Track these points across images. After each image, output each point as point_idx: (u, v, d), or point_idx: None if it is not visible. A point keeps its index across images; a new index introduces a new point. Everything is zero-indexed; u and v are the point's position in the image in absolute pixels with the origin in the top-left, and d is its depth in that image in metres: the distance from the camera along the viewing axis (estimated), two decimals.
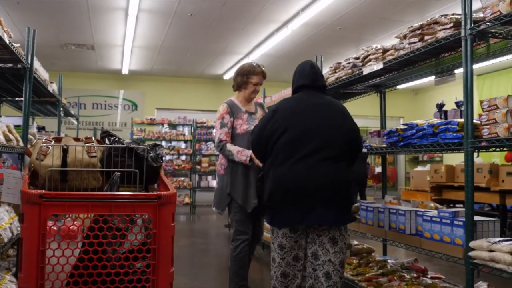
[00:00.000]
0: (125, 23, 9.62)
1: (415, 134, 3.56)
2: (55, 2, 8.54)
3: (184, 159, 12.88)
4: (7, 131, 3.47)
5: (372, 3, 8.45)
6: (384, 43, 4.37)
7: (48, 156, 2.46)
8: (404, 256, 5.86)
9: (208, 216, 11.42)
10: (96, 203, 1.97)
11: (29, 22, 8.85)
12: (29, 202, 1.92)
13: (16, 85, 4.82)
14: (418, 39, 3.63)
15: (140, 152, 2.53)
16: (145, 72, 14.45)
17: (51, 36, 10.52)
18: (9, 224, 3.31)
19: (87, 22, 9.70)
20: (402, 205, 4.14)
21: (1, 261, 4.01)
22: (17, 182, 2.70)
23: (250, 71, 4.09)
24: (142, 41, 11.00)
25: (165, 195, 2.02)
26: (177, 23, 9.66)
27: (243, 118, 4.02)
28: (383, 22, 9.52)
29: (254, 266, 6.14)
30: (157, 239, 1.98)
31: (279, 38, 10.30)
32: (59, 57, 12.44)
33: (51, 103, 6.45)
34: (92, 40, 11.07)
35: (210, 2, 8.46)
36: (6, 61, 3.95)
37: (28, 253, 1.90)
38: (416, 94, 16.57)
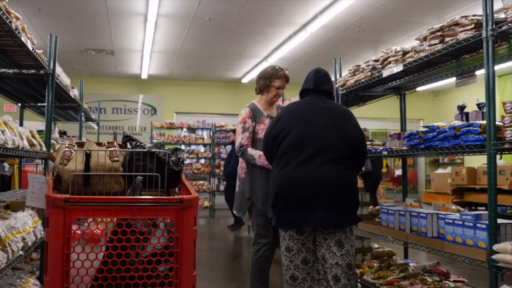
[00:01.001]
0: (144, 28, 9.71)
1: (437, 137, 3.53)
2: (75, 8, 8.67)
3: (204, 162, 12.94)
4: (30, 136, 3.53)
5: (390, 5, 8.41)
6: (402, 45, 4.35)
7: (71, 161, 2.49)
8: (426, 259, 5.80)
9: (228, 219, 11.44)
10: (119, 207, 1.99)
11: (50, 28, 9.01)
12: (54, 206, 1.95)
13: (39, 91, 4.90)
14: (439, 40, 3.60)
15: (162, 156, 2.55)
16: (164, 77, 14.56)
17: (72, 42, 10.67)
18: (33, 228, 3.36)
19: (106, 28, 9.82)
20: (423, 208, 4.11)
21: (25, 264, 4.06)
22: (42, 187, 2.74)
23: (272, 74, 4.05)
24: (161, 46, 11.09)
25: (187, 199, 2.03)
26: (195, 27, 9.72)
27: (265, 123, 3.97)
28: (401, 24, 9.46)
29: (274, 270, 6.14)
30: (180, 243, 1.99)
31: (298, 41, 10.30)
32: (79, 63, 12.60)
33: (73, 108, 6.54)
34: (111, 45, 11.19)
35: (228, 6, 8.51)
36: (29, 67, 4.02)
37: (53, 256, 1.93)
38: (436, 96, 16.42)
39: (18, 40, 3.22)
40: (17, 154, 3.09)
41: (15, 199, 4.07)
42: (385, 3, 8.29)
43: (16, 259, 2.88)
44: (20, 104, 5.75)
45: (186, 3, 8.35)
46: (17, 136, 3.03)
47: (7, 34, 3.11)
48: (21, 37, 3.15)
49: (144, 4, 8.38)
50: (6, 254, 2.66)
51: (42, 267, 3.96)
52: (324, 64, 3.28)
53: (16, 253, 2.86)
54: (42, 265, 3.96)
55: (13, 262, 2.80)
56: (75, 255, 1.94)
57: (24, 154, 3.22)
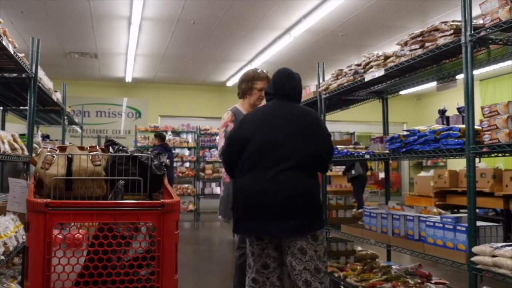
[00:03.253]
0: (128, 31, 9.69)
1: (417, 140, 3.58)
2: (58, 11, 8.61)
3: (188, 166, 12.92)
4: (12, 140, 3.51)
5: (373, 10, 8.49)
6: (385, 49, 4.39)
7: (53, 165, 2.47)
8: (409, 261, 5.86)
9: (212, 223, 11.44)
10: (101, 211, 1.99)
11: (33, 31, 8.95)
12: (34, 211, 1.94)
13: (21, 94, 4.86)
14: (419, 45, 3.65)
15: (144, 160, 2.55)
16: (148, 80, 14.51)
17: (55, 45, 10.59)
18: (14, 232, 3.34)
19: (90, 31, 9.77)
20: (405, 210, 4.15)
21: (7, 269, 4.03)
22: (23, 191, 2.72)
23: (254, 76, 4.00)
24: (145, 49, 11.06)
25: (168, 203, 2.04)
26: (179, 31, 9.72)
27: None
28: (385, 28, 9.56)
29: None
30: (161, 247, 2.00)
31: (282, 45, 10.35)
32: (62, 66, 12.52)
33: (55, 111, 6.50)
34: (95, 49, 11.14)
35: (212, 10, 8.52)
36: (11, 71, 4.00)
37: (34, 261, 1.92)
38: (419, 99, 16.58)
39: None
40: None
41: None
42: (369, 7, 8.36)
43: None
44: (1, 108, 5.71)
45: (171, 6, 8.34)
46: None
47: None
48: (2, 41, 3.14)
49: (128, 7, 8.36)
50: None
51: (24, 272, 3.93)
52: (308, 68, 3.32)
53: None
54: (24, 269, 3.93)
55: None
56: (56, 259, 1.94)
57: (5, 159, 3.20)
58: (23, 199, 2.72)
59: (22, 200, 2.73)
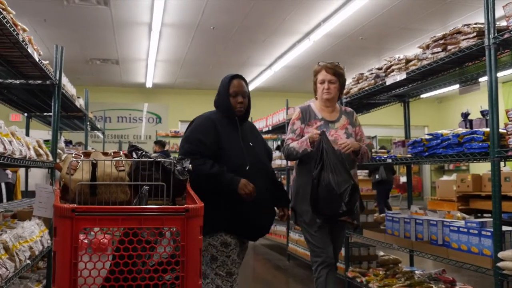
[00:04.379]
0: (149, 37, 9.78)
1: (440, 144, 3.54)
2: (80, 19, 8.74)
3: None
4: (37, 146, 3.56)
5: (393, 13, 8.44)
6: (405, 52, 4.38)
7: (78, 171, 2.50)
8: (432, 267, 5.79)
9: None
10: (126, 216, 2.01)
11: (55, 38, 9.09)
12: (61, 216, 1.96)
13: (45, 101, 4.94)
14: (441, 48, 3.62)
15: (167, 165, 2.56)
16: (168, 85, 14.62)
17: (77, 52, 10.74)
18: (39, 237, 3.39)
19: (111, 38, 9.90)
20: (428, 215, 4.11)
21: (32, 273, 4.08)
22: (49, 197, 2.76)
23: (314, 70, 3.65)
24: (165, 55, 11.16)
25: (192, 208, 2.05)
26: (199, 36, 9.78)
27: (314, 126, 3.49)
28: (405, 31, 9.49)
29: (279, 278, 6.15)
30: (186, 252, 2.01)
31: (301, 49, 10.35)
32: (84, 72, 12.69)
33: (78, 117, 6.59)
34: (116, 55, 11.27)
35: (231, 15, 8.56)
36: (36, 78, 4.07)
37: (61, 266, 1.94)
38: (440, 102, 16.40)
39: (24, 52, 3.26)
40: (24, 164, 3.13)
41: (21, 208, 4.10)
42: (388, 11, 8.32)
43: (23, 268, 2.90)
44: (26, 114, 5.80)
45: (190, 12, 8.41)
46: (24, 146, 3.06)
47: (14, 45, 3.16)
48: (28, 48, 3.19)
49: (148, 13, 8.45)
50: (13, 263, 2.68)
51: (49, 276, 3.99)
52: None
53: (24, 262, 2.88)
54: (49, 274, 3.98)
55: (20, 271, 2.82)
56: (82, 264, 1.96)
57: (31, 164, 3.25)
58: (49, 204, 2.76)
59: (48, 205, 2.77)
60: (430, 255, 3.62)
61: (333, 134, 3.44)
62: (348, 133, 3.50)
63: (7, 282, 2.51)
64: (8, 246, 2.71)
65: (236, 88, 3.22)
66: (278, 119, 7.58)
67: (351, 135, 3.50)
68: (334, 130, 3.48)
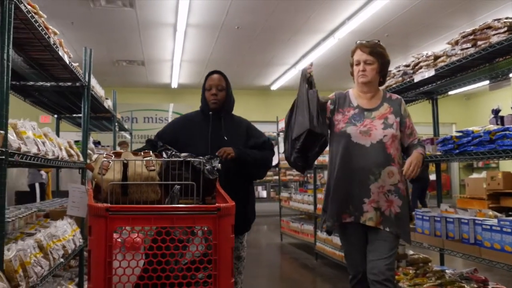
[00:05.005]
0: (174, 38, 9.86)
1: (471, 142, 3.49)
2: (106, 21, 8.87)
3: None
4: (68, 146, 3.62)
5: (419, 9, 8.34)
6: (432, 49, 4.32)
7: (109, 171, 2.54)
8: (462, 266, 5.71)
9: (259, 226, 11.47)
10: (158, 215, 2.04)
11: (83, 41, 9.23)
12: (96, 215, 2.00)
13: (74, 102, 5.02)
14: (471, 44, 3.57)
15: (197, 165, 2.59)
16: (193, 85, 14.70)
17: (103, 54, 10.89)
18: (72, 236, 3.45)
19: (137, 39, 10.00)
20: (459, 213, 4.05)
21: (64, 271, 4.15)
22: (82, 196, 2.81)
23: (351, 51, 3.22)
24: (190, 55, 11.23)
25: (224, 207, 2.07)
26: (224, 36, 9.82)
27: (346, 114, 3.06)
28: (431, 28, 9.37)
29: (306, 277, 6.13)
30: (218, 250, 2.03)
31: (326, 47, 10.30)
32: (111, 74, 12.85)
33: (106, 118, 6.67)
34: (142, 56, 11.39)
35: (256, 15, 8.57)
36: (66, 80, 4.13)
37: (96, 264, 1.98)
38: (468, 99, 16.13)
39: (55, 54, 3.32)
40: (56, 165, 3.18)
41: (53, 208, 4.18)
42: (414, 7, 8.23)
43: (57, 267, 2.95)
44: (56, 116, 5.90)
45: (215, 12, 8.44)
46: (56, 147, 3.12)
47: (45, 49, 3.22)
48: (59, 51, 3.25)
49: (173, 14, 8.52)
50: (48, 261, 2.73)
51: (81, 274, 4.05)
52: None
53: (57, 260, 2.93)
54: (81, 272, 4.05)
55: (54, 269, 2.87)
56: (116, 262, 1.99)
57: (63, 165, 3.31)
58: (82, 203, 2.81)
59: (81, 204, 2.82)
60: (461, 254, 3.57)
61: (367, 125, 2.97)
62: (387, 123, 2.98)
63: (42, 280, 2.56)
64: (42, 245, 2.76)
65: (211, 82, 3.37)
66: None
67: (390, 126, 2.97)
68: (370, 120, 3.00)
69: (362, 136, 2.95)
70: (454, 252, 3.66)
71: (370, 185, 2.91)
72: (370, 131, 2.95)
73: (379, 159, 2.93)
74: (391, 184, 2.92)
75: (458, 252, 3.60)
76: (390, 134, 2.96)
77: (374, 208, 2.90)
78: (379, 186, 2.91)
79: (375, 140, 2.94)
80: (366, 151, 2.94)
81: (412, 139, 3.10)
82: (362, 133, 2.95)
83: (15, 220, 3.24)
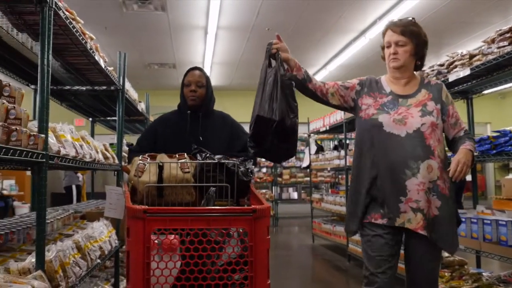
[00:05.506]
0: (205, 41, 9.93)
1: (509, 142, 3.42)
2: (139, 25, 8.99)
3: (265, 171, 13.02)
4: (104, 149, 3.70)
5: (451, 7, 8.19)
6: (465, 47, 4.25)
7: (145, 173, 2.58)
8: (499, 268, 5.58)
9: (290, 228, 11.47)
10: (195, 217, 2.06)
11: (115, 45, 9.37)
12: (134, 217, 2.04)
13: (108, 105, 5.11)
14: (508, 42, 3.50)
15: (231, 167, 2.60)
16: (224, 87, 14.78)
17: (135, 57, 11.04)
18: (108, 237, 3.51)
19: (168, 42, 10.11)
20: (496, 215, 3.97)
21: (100, 272, 4.23)
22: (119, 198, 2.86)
23: (382, 33, 2.91)
24: (221, 57, 11.29)
25: (260, 209, 2.08)
26: (254, 38, 9.84)
27: (378, 100, 2.73)
28: (464, 26, 9.19)
29: (339, 279, 6.10)
30: (254, 252, 2.04)
31: (357, 47, 10.21)
32: (142, 77, 13.01)
33: (139, 121, 6.77)
34: (173, 59, 11.51)
35: (286, 16, 8.56)
36: (101, 84, 4.22)
37: (135, 265, 2.01)
38: (503, 98, 15.76)
39: (92, 59, 3.40)
40: (93, 167, 3.25)
41: (89, 210, 4.26)
42: (447, 5, 8.09)
43: (95, 267, 3.01)
44: (91, 119, 6.02)
45: (245, 14, 8.47)
46: (93, 150, 3.19)
47: (82, 53, 3.30)
48: (95, 56, 3.32)
49: (204, 17, 8.58)
50: (86, 262, 2.79)
51: (116, 274, 4.12)
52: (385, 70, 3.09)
53: (95, 261, 2.99)
54: (117, 273, 4.12)
55: (92, 270, 2.93)
56: (154, 263, 2.02)
57: (99, 167, 3.38)
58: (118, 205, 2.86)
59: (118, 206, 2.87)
60: (499, 256, 3.50)
61: (402, 113, 2.63)
62: (425, 111, 2.62)
63: (80, 281, 2.62)
64: (80, 246, 2.82)
65: (190, 78, 3.26)
66: (335, 119, 7.53)
67: (430, 114, 2.61)
68: (405, 108, 2.65)
69: (396, 125, 2.59)
70: (492, 255, 3.59)
71: (406, 181, 2.52)
72: (406, 119, 2.60)
73: (416, 151, 2.54)
74: (430, 181, 2.55)
75: (496, 254, 3.53)
76: (429, 122, 2.58)
77: (413, 209, 2.51)
78: (418, 183, 2.51)
79: (412, 129, 2.57)
80: (400, 141, 2.56)
81: (457, 130, 2.72)
82: (396, 122, 2.60)
83: (54, 221, 3.31)
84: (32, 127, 2.17)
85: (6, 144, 1.76)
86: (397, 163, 2.54)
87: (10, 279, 1.90)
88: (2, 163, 2.37)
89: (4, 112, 1.84)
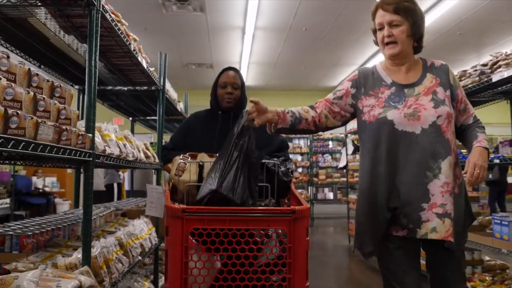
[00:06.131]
0: (242, 41, 9.98)
1: None
2: (177, 26, 9.10)
3: (301, 171, 12.99)
4: (145, 148, 3.77)
5: (493, 6, 7.99)
6: (508, 46, 4.14)
7: (185, 172, 2.62)
8: None
9: (326, 228, 11.41)
10: (234, 217, 2.06)
11: (155, 45, 9.52)
12: (173, 216, 2.06)
13: (148, 105, 5.20)
14: None
15: (271, 167, 2.61)
16: (260, 87, 14.81)
17: (174, 58, 11.17)
18: (148, 234, 3.58)
19: (206, 43, 10.20)
20: None
21: (139, 269, 4.32)
22: (159, 197, 2.91)
23: (371, 14, 2.54)
24: (258, 57, 11.33)
25: (299, 209, 2.07)
26: (292, 38, 9.83)
27: (380, 97, 2.38)
28: (506, 25, 8.95)
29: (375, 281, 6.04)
30: (292, 253, 2.03)
31: None
32: (181, 77, 13.17)
33: (178, 120, 6.86)
34: (211, 59, 11.61)
35: (324, 15, 8.52)
36: (142, 84, 4.30)
37: (173, 264, 2.03)
38: None
39: (135, 60, 3.47)
40: (135, 166, 3.32)
41: (130, 207, 4.35)
42: (488, 4, 7.89)
43: (136, 264, 3.08)
44: (131, 118, 6.13)
45: (283, 15, 8.48)
46: (135, 149, 3.25)
47: (125, 55, 3.37)
48: (138, 57, 3.39)
49: (242, 18, 8.62)
50: (128, 259, 2.86)
51: (155, 272, 4.19)
52: None
53: (136, 258, 3.06)
54: (156, 270, 4.19)
55: (133, 266, 2.99)
56: (192, 263, 2.04)
57: (141, 166, 3.45)
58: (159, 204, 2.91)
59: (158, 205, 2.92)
60: None
61: (412, 105, 2.28)
62: (437, 100, 2.29)
63: (123, 277, 2.68)
64: (122, 243, 2.89)
65: (225, 79, 3.12)
66: None
67: (443, 103, 2.28)
68: (414, 98, 2.30)
69: (409, 121, 2.24)
70: None
71: (428, 184, 2.19)
72: (418, 112, 2.25)
73: (436, 148, 2.21)
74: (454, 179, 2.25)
75: None
76: (445, 113, 2.25)
77: (438, 215, 2.15)
78: (442, 184, 2.17)
79: (427, 124, 2.23)
80: (416, 140, 2.23)
81: (466, 116, 2.41)
82: (408, 117, 2.24)
83: (96, 218, 3.40)
84: (80, 127, 2.24)
85: (57, 143, 1.82)
86: (416, 166, 2.21)
87: (58, 274, 1.97)
88: (53, 161, 2.45)
89: (56, 113, 1.91)
